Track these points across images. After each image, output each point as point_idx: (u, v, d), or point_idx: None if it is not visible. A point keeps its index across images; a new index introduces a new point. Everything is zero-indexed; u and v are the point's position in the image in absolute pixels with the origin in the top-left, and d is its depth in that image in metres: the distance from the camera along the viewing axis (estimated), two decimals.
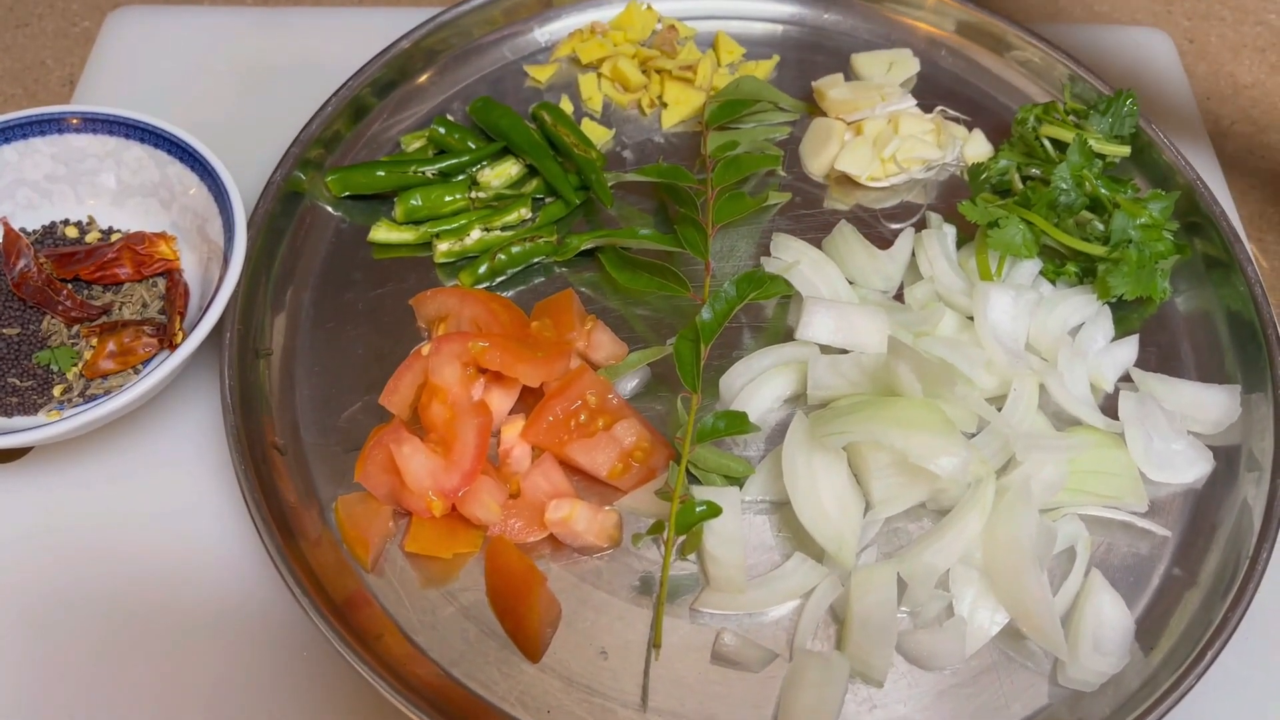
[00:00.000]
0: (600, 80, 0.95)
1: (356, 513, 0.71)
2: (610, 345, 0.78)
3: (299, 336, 0.80)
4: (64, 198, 0.83)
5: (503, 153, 0.88)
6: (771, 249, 0.83)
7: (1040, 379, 0.76)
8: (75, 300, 0.77)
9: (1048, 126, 0.88)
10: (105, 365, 0.75)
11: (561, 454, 0.73)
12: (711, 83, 0.94)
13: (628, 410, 0.75)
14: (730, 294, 0.77)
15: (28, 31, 1.07)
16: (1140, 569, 0.73)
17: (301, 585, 0.66)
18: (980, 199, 0.85)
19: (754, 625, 0.70)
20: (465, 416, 0.71)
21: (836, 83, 0.93)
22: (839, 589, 0.70)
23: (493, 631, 0.69)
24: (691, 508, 0.69)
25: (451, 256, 0.83)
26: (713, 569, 0.70)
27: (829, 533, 0.69)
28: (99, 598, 0.71)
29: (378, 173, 0.86)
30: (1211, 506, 0.75)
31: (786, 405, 0.78)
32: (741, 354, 0.79)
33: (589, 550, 0.71)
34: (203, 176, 0.79)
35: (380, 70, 0.92)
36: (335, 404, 0.77)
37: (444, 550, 0.70)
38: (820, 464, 0.70)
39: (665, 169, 0.86)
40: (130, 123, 0.80)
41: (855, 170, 0.88)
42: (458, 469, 0.69)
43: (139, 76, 0.98)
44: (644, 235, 0.82)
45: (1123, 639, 0.68)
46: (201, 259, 0.80)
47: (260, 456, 0.73)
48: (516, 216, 0.85)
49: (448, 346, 0.73)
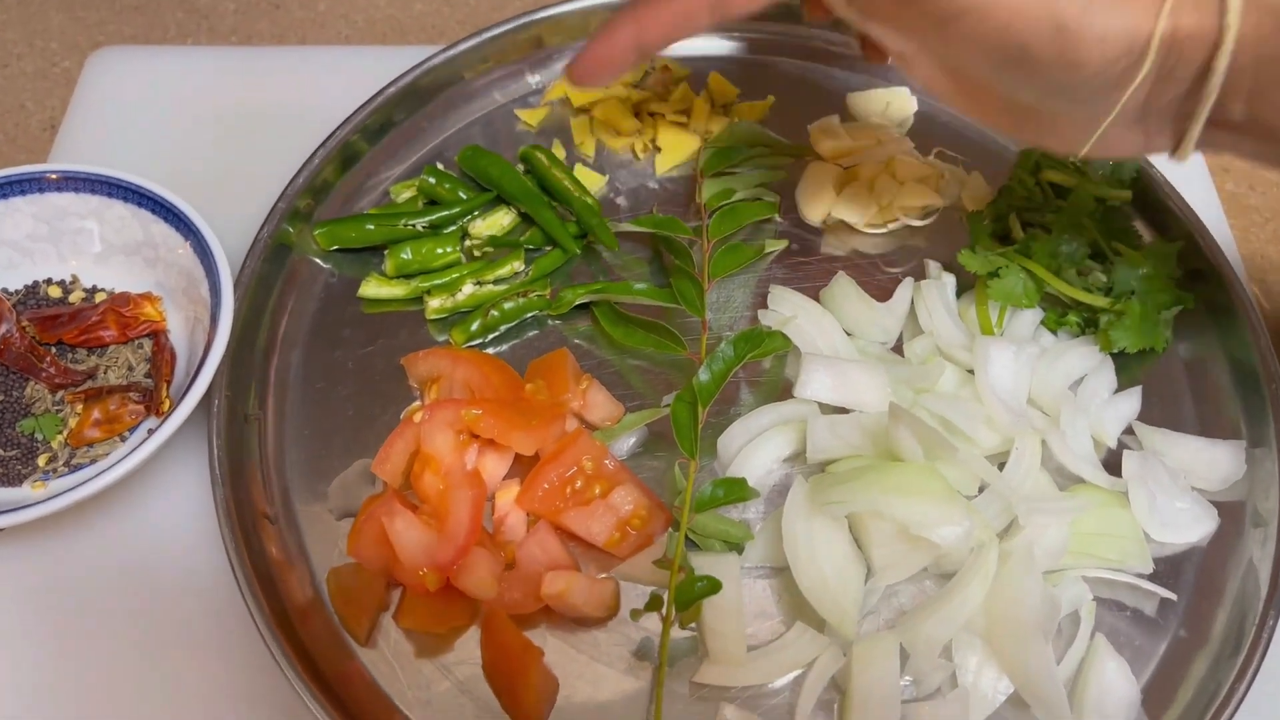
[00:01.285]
0: (593, 124, 0.93)
1: (349, 584, 0.70)
2: (606, 405, 0.77)
3: (289, 397, 0.79)
4: (46, 257, 0.81)
5: (495, 202, 0.87)
6: (769, 302, 0.82)
7: (1043, 436, 0.75)
8: (59, 367, 0.76)
9: (1048, 171, 0.87)
10: (91, 434, 0.74)
11: (558, 522, 0.72)
12: (706, 126, 0.92)
13: (625, 474, 0.73)
14: (728, 354, 0.76)
15: (6, 73, 1.05)
16: (1146, 632, 0.72)
17: (294, 667, 0.65)
18: (980, 247, 0.84)
19: (755, 696, 0.69)
20: (459, 489, 0.69)
21: (832, 127, 0.92)
22: (841, 659, 0.69)
23: (489, 707, 0.68)
24: (692, 583, 0.67)
25: (443, 313, 0.82)
26: (712, 642, 0.69)
27: (829, 603, 0.68)
28: (82, 674, 0.70)
29: (367, 226, 0.84)
30: (1217, 566, 0.74)
31: (786, 464, 0.77)
32: (739, 410, 0.78)
33: (586, 621, 0.70)
34: (187, 236, 0.77)
35: (369, 116, 0.90)
36: (326, 468, 0.76)
37: (439, 626, 0.69)
38: (820, 532, 0.69)
39: (660, 220, 0.84)
40: (112, 181, 0.79)
41: (852, 218, 0.87)
42: (452, 543, 0.68)
43: (122, 120, 0.96)
44: (639, 290, 0.80)
45: (1130, 709, 0.67)
46: (188, 319, 0.79)
47: (250, 526, 0.72)
48: (510, 269, 0.84)
49: (440, 414, 0.72)
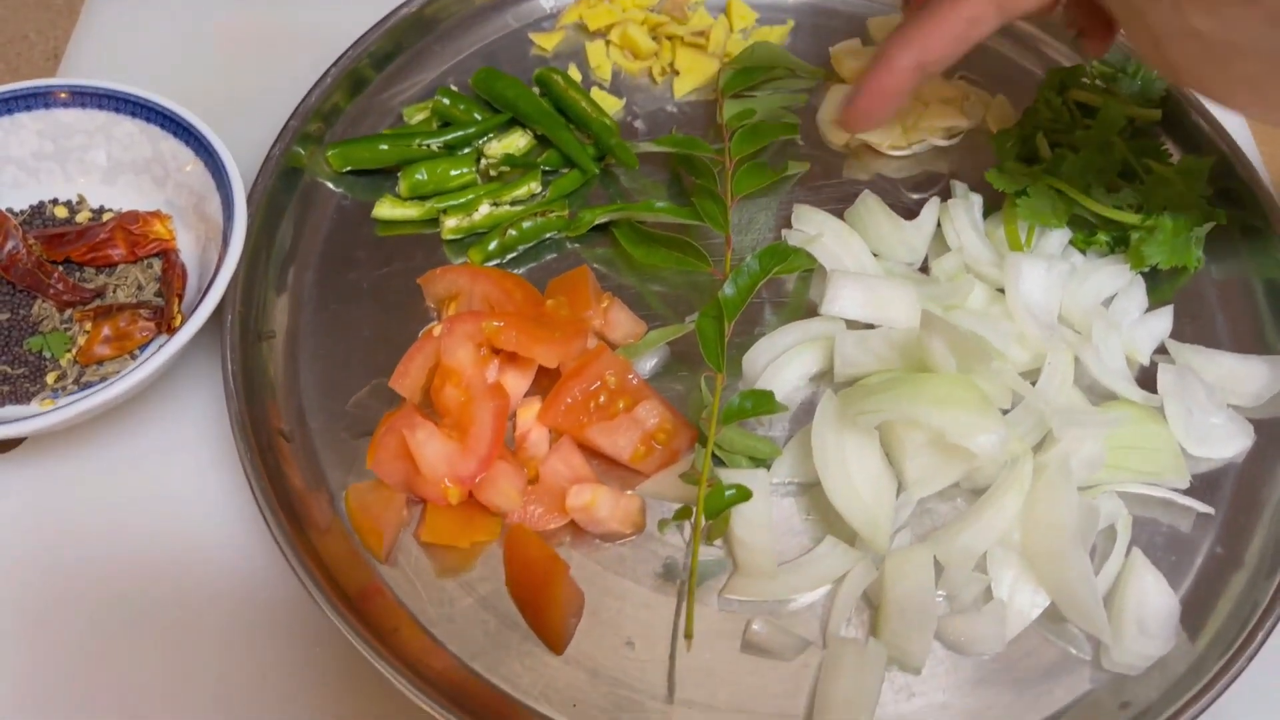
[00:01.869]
0: (609, 48, 0.91)
1: (368, 501, 0.68)
2: (628, 323, 0.75)
3: (302, 318, 0.77)
4: (52, 176, 0.79)
5: (510, 124, 0.85)
6: (793, 221, 0.80)
7: (1075, 352, 0.74)
8: (67, 283, 0.74)
9: (1075, 91, 0.85)
10: (101, 351, 0.72)
11: (581, 437, 0.70)
12: (725, 49, 0.90)
13: (648, 391, 0.72)
14: (754, 269, 0.74)
15: (9, 4, 1.02)
16: (1183, 548, 0.70)
17: (313, 577, 0.63)
18: (1008, 166, 0.82)
19: (785, 612, 0.67)
20: (481, 400, 0.68)
21: (854, 48, 0.90)
22: (873, 573, 0.67)
23: (513, 623, 0.66)
24: (720, 492, 0.66)
25: (459, 233, 0.80)
26: (741, 554, 0.67)
27: (862, 515, 0.66)
28: (99, 592, 0.68)
29: (380, 146, 0.82)
30: (1254, 482, 0.73)
31: (812, 383, 0.75)
32: (764, 331, 0.76)
33: (611, 537, 0.69)
34: (198, 152, 0.75)
35: (379, 40, 0.88)
36: (342, 388, 0.74)
37: (461, 540, 0.67)
38: (851, 444, 0.67)
39: (681, 139, 0.82)
40: (120, 96, 0.77)
41: (876, 139, 0.85)
42: (474, 455, 0.66)
43: (127, 49, 0.94)
44: (660, 208, 0.78)
45: (1168, 620, 0.66)
46: (199, 239, 0.77)
47: (266, 444, 0.70)
48: (527, 191, 0.82)
49: (460, 327, 0.70)
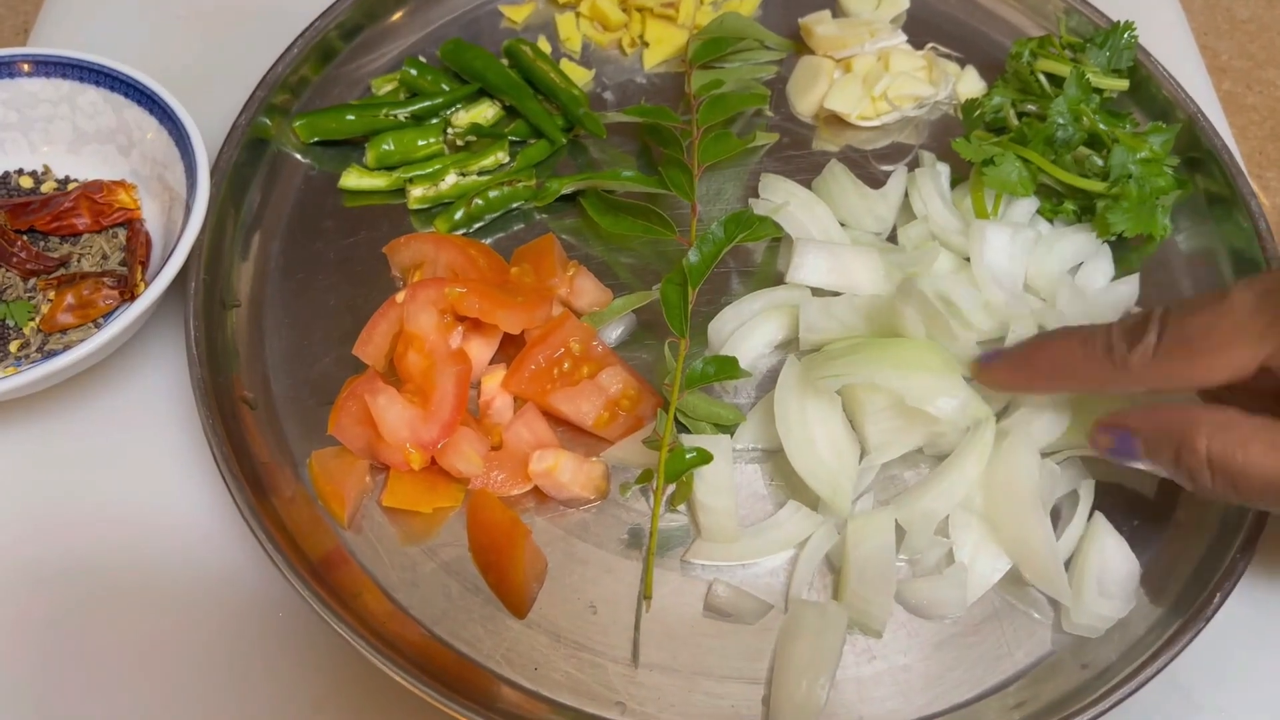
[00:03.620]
0: (579, 20, 0.91)
1: (331, 467, 0.68)
2: (594, 291, 0.75)
3: (268, 287, 0.77)
4: (17, 146, 0.79)
5: (478, 95, 0.85)
6: (760, 190, 0.80)
7: (1039, 320, 0.74)
8: (31, 251, 0.73)
9: (1043, 61, 0.85)
10: (64, 319, 0.72)
11: (544, 404, 0.70)
12: (694, 20, 0.90)
13: (613, 358, 0.72)
14: (718, 235, 0.74)
15: None
16: (1145, 513, 0.71)
17: (275, 544, 0.63)
18: (975, 136, 0.82)
19: (747, 576, 0.67)
20: (443, 365, 0.68)
21: (824, 19, 0.90)
22: (834, 537, 0.67)
23: (476, 588, 0.66)
24: (681, 455, 0.66)
25: (426, 203, 0.80)
26: (704, 518, 0.67)
27: (824, 479, 0.66)
28: (62, 560, 0.68)
29: (347, 116, 0.82)
30: None
31: (778, 351, 0.76)
32: (730, 299, 0.76)
33: (575, 502, 0.69)
34: (162, 120, 0.75)
35: (348, 11, 0.88)
36: (307, 356, 0.74)
37: (424, 505, 0.67)
38: (814, 409, 0.68)
39: (649, 109, 0.82)
40: (83, 64, 0.76)
41: (845, 109, 0.85)
42: (436, 419, 0.66)
43: (96, 23, 0.93)
44: (628, 177, 0.78)
45: (1128, 582, 0.66)
46: (164, 207, 0.77)
47: (229, 411, 0.70)
48: (494, 160, 0.82)
49: (424, 293, 0.70)
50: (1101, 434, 0.63)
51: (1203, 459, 0.57)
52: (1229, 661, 0.68)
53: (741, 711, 0.63)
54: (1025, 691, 0.65)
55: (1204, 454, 0.57)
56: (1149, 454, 0.60)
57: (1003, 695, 0.65)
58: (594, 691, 0.63)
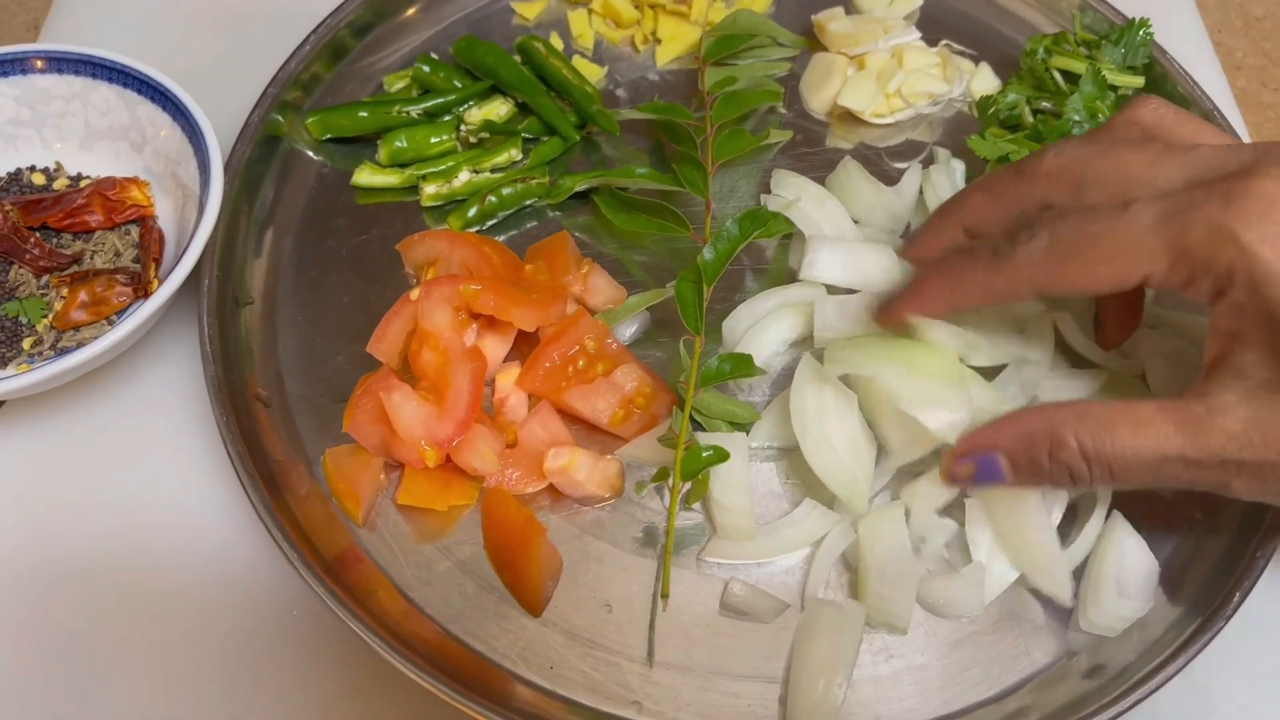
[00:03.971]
0: (591, 16, 0.91)
1: (345, 465, 0.68)
2: (608, 289, 0.75)
3: (281, 285, 0.77)
4: (29, 143, 0.79)
5: (491, 91, 0.84)
6: (772, 186, 0.80)
7: (1053, 318, 0.73)
8: (44, 248, 0.73)
9: (1058, 58, 0.84)
10: (77, 316, 0.72)
11: (559, 401, 0.70)
12: (707, 18, 0.90)
13: (627, 355, 0.72)
14: (733, 232, 0.73)
15: None
16: (1162, 512, 0.70)
17: (290, 541, 0.63)
18: (990, 133, 0.82)
19: (763, 575, 0.67)
20: (458, 362, 0.67)
21: (837, 16, 0.90)
22: (851, 536, 0.67)
23: (491, 586, 0.66)
24: (698, 453, 0.65)
25: (439, 200, 0.80)
26: (720, 516, 0.67)
27: (841, 477, 0.66)
28: (76, 558, 0.68)
29: (360, 113, 0.82)
30: None
31: (792, 348, 0.75)
32: (744, 297, 0.76)
33: (590, 501, 0.69)
34: (175, 117, 0.75)
35: (359, 9, 0.87)
36: (320, 354, 0.74)
37: (438, 502, 0.67)
38: (831, 406, 0.67)
39: (663, 106, 0.82)
40: (97, 61, 0.76)
41: (859, 106, 0.85)
42: (451, 417, 0.66)
43: (106, 20, 0.93)
44: (641, 174, 0.78)
45: (1147, 582, 0.66)
46: (176, 205, 0.76)
47: (243, 409, 0.69)
48: (507, 158, 0.81)
49: (438, 290, 0.70)
50: (959, 465, 0.60)
51: (1077, 454, 0.55)
52: (1249, 661, 0.67)
53: (758, 711, 0.63)
54: (1042, 691, 0.64)
55: (1076, 449, 0.55)
56: (1016, 469, 0.58)
57: (1020, 694, 0.64)
58: (610, 690, 0.63)
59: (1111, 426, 0.55)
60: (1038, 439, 0.56)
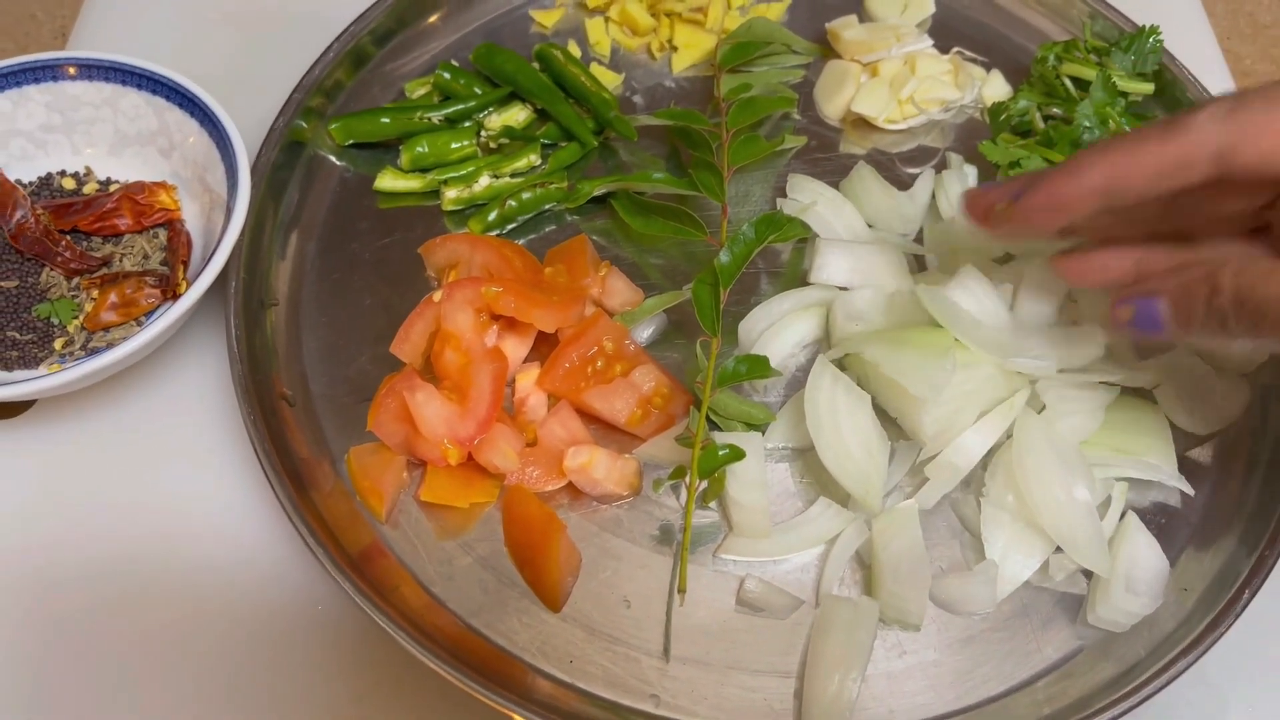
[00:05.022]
0: (608, 24, 0.92)
1: (369, 463, 0.69)
2: (626, 291, 0.76)
3: (305, 287, 0.78)
4: (60, 148, 0.80)
5: (510, 98, 0.86)
6: (788, 190, 0.81)
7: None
8: (75, 251, 0.75)
9: (1069, 65, 0.86)
10: (107, 317, 0.73)
11: (578, 401, 0.71)
12: (723, 25, 0.91)
13: (645, 356, 0.73)
14: (749, 236, 0.75)
15: None
16: (1174, 509, 0.71)
17: (316, 537, 0.64)
18: (1001, 139, 0.83)
19: (778, 572, 0.68)
20: (480, 363, 0.69)
21: (851, 24, 0.91)
22: (865, 533, 0.68)
23: (512, 582, 0.67)
24: (714, 452, 0.67)
25: (460, 204, 0.81)
26: (736, 515, 0.68)
27: (855, 476, 0.67)
28: (105, 554, 0.69)
29: (382, 119, 0.83)
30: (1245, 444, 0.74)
31: (807, 350, 0.77)
32: (760, 299, 0.77)
33: (608, 498, 0.70)
34: (203, 123, 0.76)
35: (382, 16, 0.89)
36: (344, 354, 0.75)
37: (460, 499, 0.68)
38: (844, 406, 0.68)
39: (679, 112, 0.83)
40: (127, 69, 0.78)
41: (872, 112, 0.86)
42: (473, 416, 0.67)
43: (133, 28, 0.95)
44: (658, 179, 0.79)
45: (1156, 581, 0.67)
46: (204, 209, 0.78)
47: (269, 408, 0.71)
48: (526, 163, 0.83)
49: (460, 292, 0.71)
50: (1121, 306, 0.61)
51: (1229, 297, 0.56)
52: (1259, 658, 0.68)
53: (774, 705, 0.64)
54: (1054, 687, 0.66)
55: (1230, 291, 0.56)
56: (1176, 312, 0.59)
57: (1032, 690, 0.66)
58: (628, 684, 0.64)
59: (1269, 275, 0.55)
60: (1196, 285, 0.57)
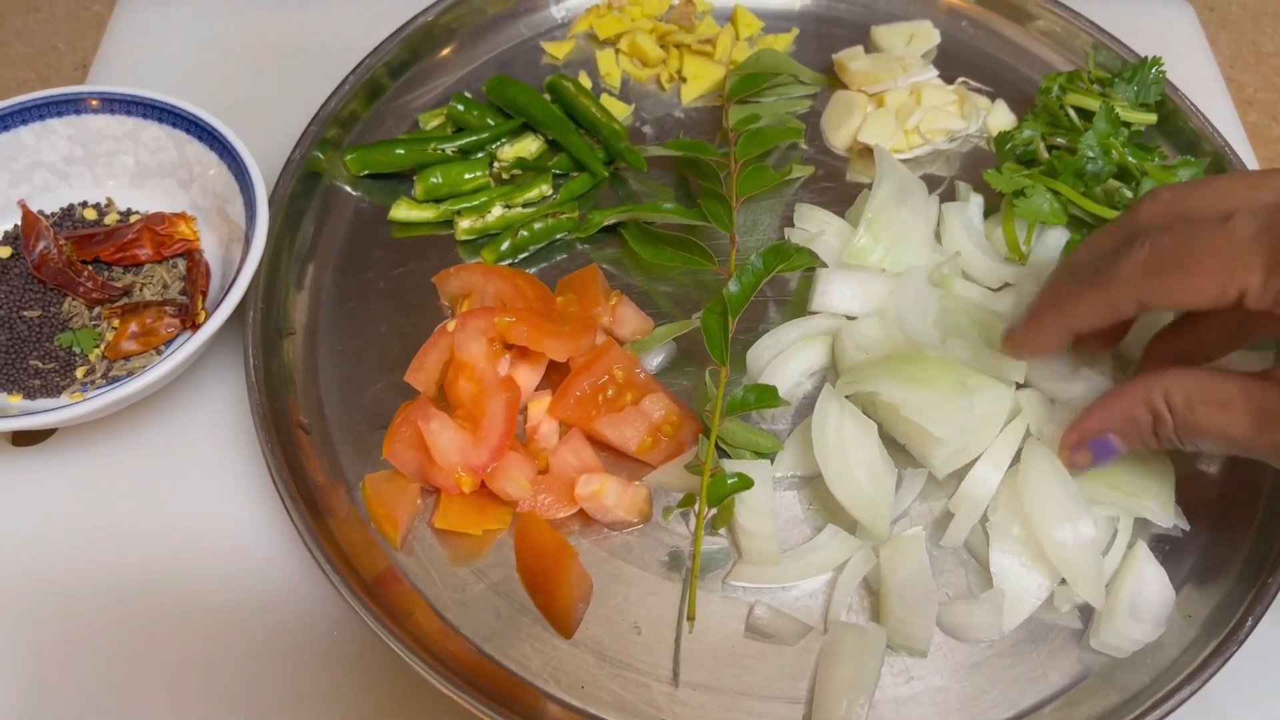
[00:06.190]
0: (618, 56, 0.94)
1: (384, 490, 0.71)
2: (636, 320, 0.78)
3: (321, 316, 0.80)
4: (82, 180, 0.82)
5: (522, 129, 0.88)
6: (795, 220, 0.83)
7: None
8: (96, 281, 0.77)
9: (1072, 95, 0.87)
10: (128, 346, 0.75)
11: (589, 429, 0.72)
12: (731, 56, 0.93)
13: (655, 385, 0.74)
14: (757, 266, 0.76)
15: (39, 16, 1.06)
16: (1178, 536, 0.72)
17: (331, 563, 0.65)
18: (1006, 168, 0.84)
19: (787, 599, 0.69)
20: (493, 392, 0.70)
21: (857, 55, 0.93)
22: (873, 560, 0.69)
23: (524, 608, 0.68)
24: (723, 480, 0.68)
25: (473, 234, 0.83)
26: (745, 542, 0.69)
27: (863, 504, 0.68)
28: (124, 580, 0.70)
29: (397, 150, 0.85)
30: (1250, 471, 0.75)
31: (814, 378, 0.78)
32: (768, 328, 0.79)
33: (619, 525, 0.71)
34: (222, 155, 0.78)
35: (396, 49, 0.91)
36: (359, 383, 0.77)
37: (474, 527, 0.69)
38: (851, 435, 0.69)
39: (688, 143, 0.85)
40: (148, 102, 0.80)
41: (878, 141, 0.87)
42: (486, 444, 0.68)
43: (153, 60, 0.97)
44: (668, 209, 0.81)
45: (1161, 609, 0.67)
46: (222, 239, 0.80)
47: (286, 436, 0.72)
48: (538, 193, 0.84)
49: (474, 322, 0.72)
50: (1078, 454, 0.66)
51: (1172, 428, 0.60)
52: (1262, 685, 0.69)
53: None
54: (1059, 713, 0.66)
55: (1172, 425, 0.60)
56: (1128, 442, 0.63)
57: (1037, 716, 0.66)
58: (639, 710, 0.65)
59: (1195, 408, 0.59)
60: (1140, 417, 0.62)
